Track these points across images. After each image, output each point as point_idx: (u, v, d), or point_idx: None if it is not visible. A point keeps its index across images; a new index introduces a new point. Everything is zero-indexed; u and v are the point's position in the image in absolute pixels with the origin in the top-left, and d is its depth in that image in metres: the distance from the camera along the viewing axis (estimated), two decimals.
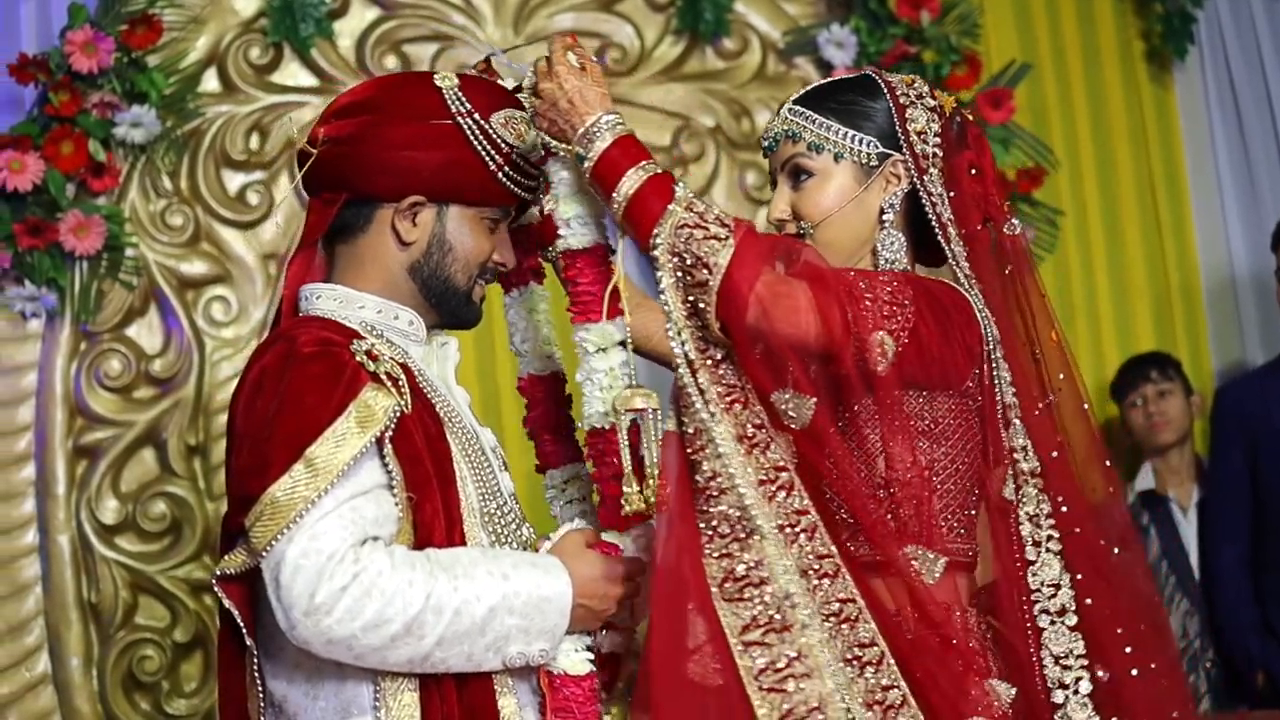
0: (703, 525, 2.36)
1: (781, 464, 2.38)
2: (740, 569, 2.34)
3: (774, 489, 2.37)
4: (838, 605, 2.36)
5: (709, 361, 2.38)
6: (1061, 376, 2.61)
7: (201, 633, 4.37)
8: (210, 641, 4.35)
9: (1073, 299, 5.17)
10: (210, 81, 4.50)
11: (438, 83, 2.50)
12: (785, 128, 2.62)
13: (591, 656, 2.46)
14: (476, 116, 2.48)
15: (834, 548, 2.38)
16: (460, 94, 2.49)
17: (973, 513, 2.52)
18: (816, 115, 2.60)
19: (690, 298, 2.36)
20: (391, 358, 2.43)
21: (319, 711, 2.40)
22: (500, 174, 2.50)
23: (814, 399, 2.40)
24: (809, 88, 2.67)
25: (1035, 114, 5.16)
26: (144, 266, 4.39)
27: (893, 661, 2.37)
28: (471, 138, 2.48)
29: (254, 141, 4.49)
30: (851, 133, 2.59)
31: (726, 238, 2.35)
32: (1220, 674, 4.77)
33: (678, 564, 2.34)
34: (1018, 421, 2.53)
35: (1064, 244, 5.14)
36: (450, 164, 2.48)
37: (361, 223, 2.52)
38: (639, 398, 2.42)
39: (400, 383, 2.40)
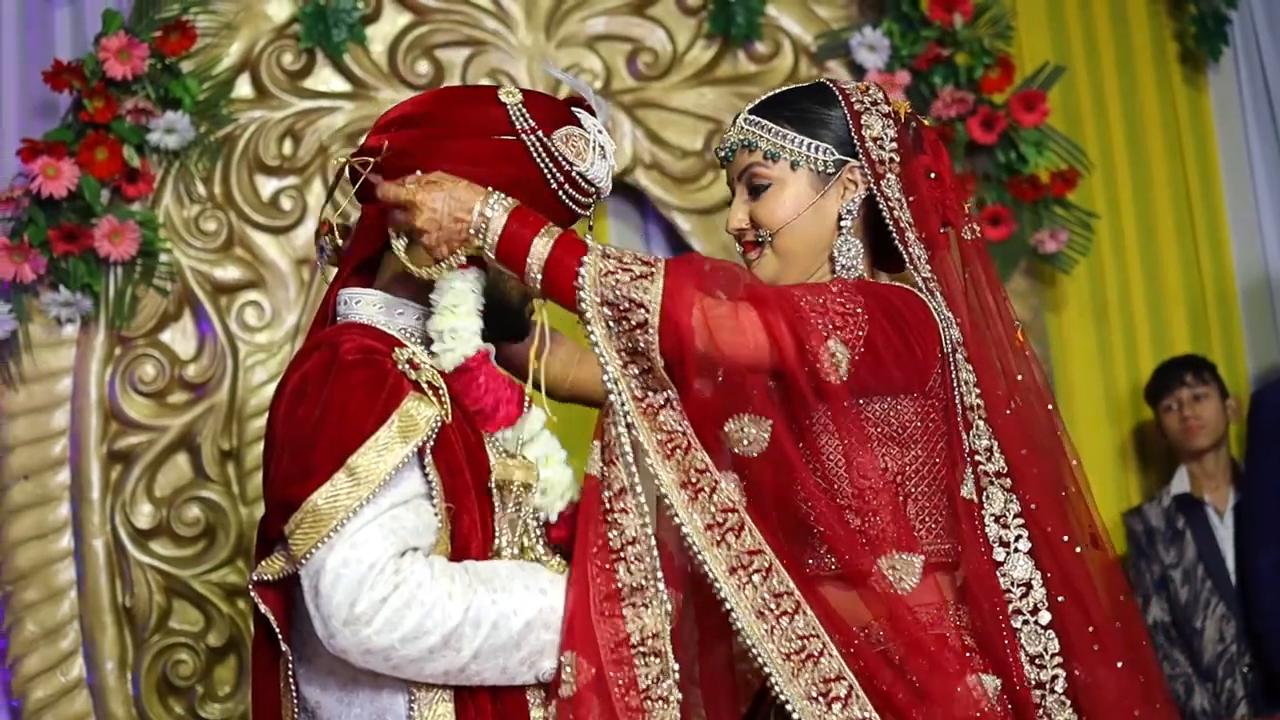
0: (621, 571, 2.36)
1: (729, 505, 2.37)
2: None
3: (722, 532, 2.36)
4: (799, 643, 2.36)
5: (648, 410, 2.37)
6: (1020, 378, 2.61)
7: (235, 637, 4.38)
8: (244, 646, 4.36)
9: (1107, 302, 5.15)
10: (243, 87, 4.51)
11: (502, 98, 2.49)
12: (741, 137, 2.63)
13: None
14: (540, 134, 2.47)
15: (793, 583, 2.37)
16: (524, 110, 2.47)
17: (948, 512, 2.52)
18: (772, 124, 2.61)
19: (628, 343, 2.35)
20: (432, 366, 2.43)
21: (353, 718, 2.40)
22: (561, 192, 2.49)
23: (770, 420, 2.40)
24: (764, 97, 2.67)
25: (1069, 116, 5.14)
26: (178, 272, 4.41)
27: (862, 693, 2.35)
28: (535, 155, 2.46)
29: (287, 147, 4.50)
30: (807, 140, 2.60)
31: (652, 273, 2.34)
32: (1257, 678, 4.74)
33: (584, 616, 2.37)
34: (981, 423, 2.53)
35: (1098, 247, 5.11)
36: (513, 180, 2.45)
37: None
38: (519, 470, 2.45)
39: (441, 392, 2.40)
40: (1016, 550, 2.51)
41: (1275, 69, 5.43)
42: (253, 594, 2.40)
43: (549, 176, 2.47)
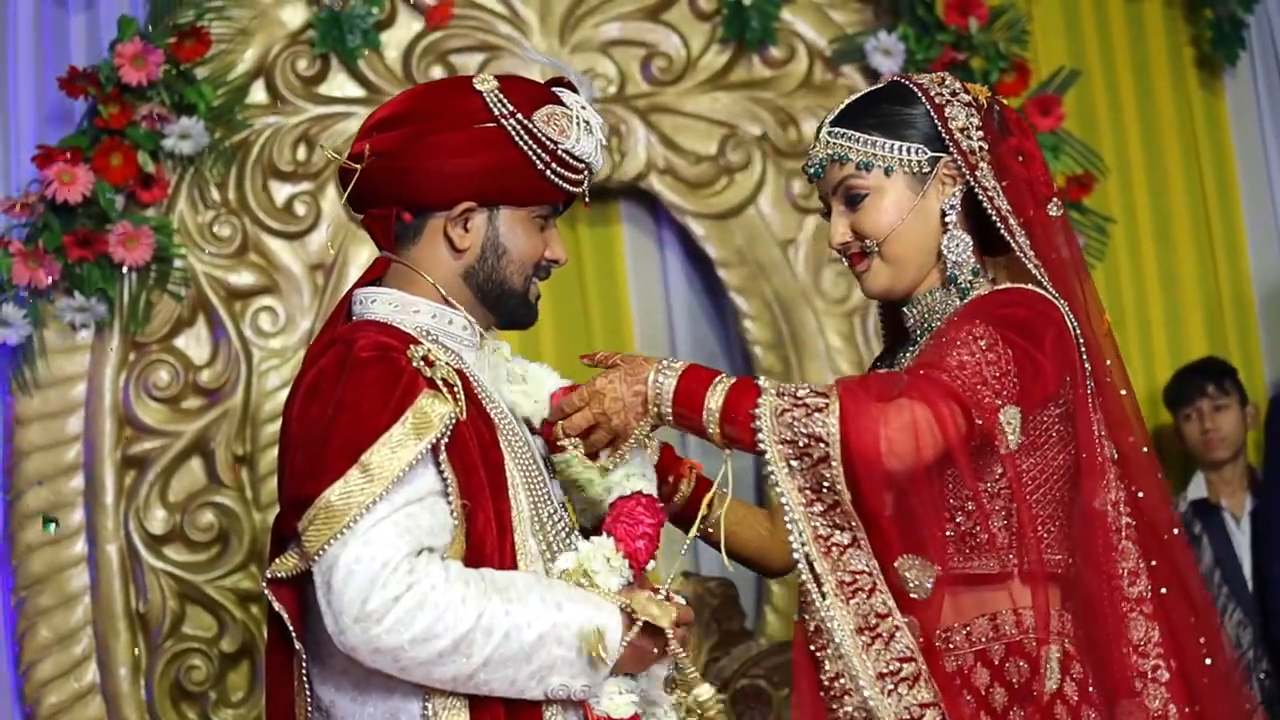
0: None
1: (907, 655, 2.36)
2: None
3: (895, 681, 2.36)
4: None
5: (832, 550, 2.36)
6: (1109, 363, 2.59)
7: (249, 643, 4.38)
8: (258, 651, 4.36)
9: (1123, 306, 5.13)
10: (258, 93, 4.52)
11: (477, 86, 2.48)
12: (829, 151, 2.59)
13: (636, 700, 2.43)
14: (519, 116, 2.46)
15: None
16: (501, 95, 2.47)
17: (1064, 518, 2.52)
18: (858, 133, 2.58)
19: (812, 480, 2.34)
20: (447, 363, 2.41)
21: (366, 718, 2.39)
22: (548, 171, 2.47)
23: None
24: (842, 106, 2.63)
25: (1084, 121, 5.13)
26: (192, 277, 4.42)
27: None
28: (517, 138, 2.45)
29: (301, 152, 4.51)
30: (897, 144, 2.57)
31: (827, 404, 2.33)
32: (1275, 684, 4.72)
33: None
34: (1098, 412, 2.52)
35: (1114, 251, 5.10)
36: (498, 167, 2.46)
37: (413, 234, 2.50)
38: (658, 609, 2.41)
39: (456, 389, 2.38)
40: (1127, 539, 2.49)
41: None
42: (267, 591, 2.38)
43: (534, 158, 2.45)
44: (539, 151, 2.46)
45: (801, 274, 4.80)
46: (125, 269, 4.31)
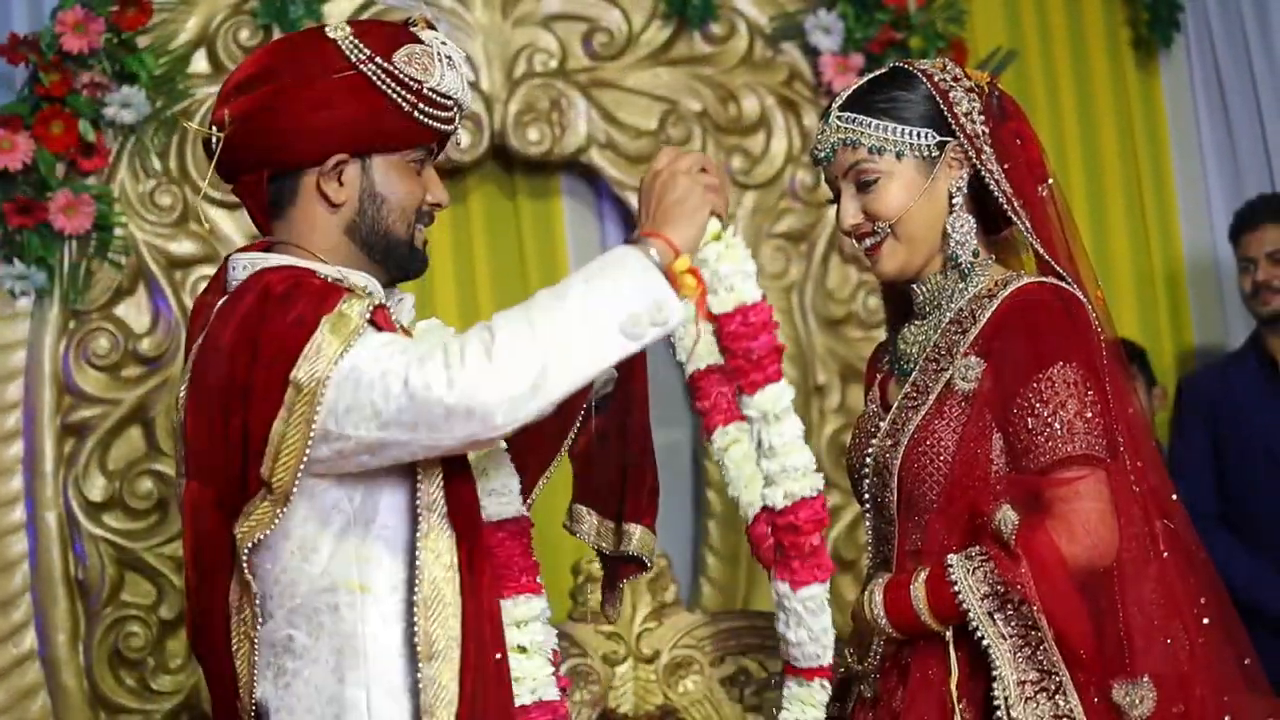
0: None
1: None
2: None
3: None
4: None
5: (1037, 694, 2.49)
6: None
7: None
8: None
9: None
10: (200, 62, 4.50)
11: (330, 34, 2.40)
12: (841, 136, 2.67)
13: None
14: (379, 60, 2.36)
15: None
16: (356, 40, 2.38)
17: None
18: (870, 119, 2.66)
19: (1019, 625, 2.49)
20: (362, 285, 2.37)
21: (320, 650, 2.31)
22: (416, 112, 2.39)
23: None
24: (849, 92, 2.71)
25: (1021, 101, 5.05)
26: (133, 246, 4.41)
27: None
28: (378, 82, 2.36)
29: None
30: (907, 128, 2.65)
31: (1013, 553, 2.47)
32: None
33: None
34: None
35: None
36: (364, 114, 2.37)
37: (288, 195, 2.42)
38: None
39: (374, 290, 2.35)
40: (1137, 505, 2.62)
41: (1227, 56, 5.47)
42: (245, 564, 2.28)
43: (399, 100, 2.37)
44: (403, 93, 2.37)
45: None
46: (65, 237, 4.30)
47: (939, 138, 2.64)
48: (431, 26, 2.47)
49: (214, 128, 2.42)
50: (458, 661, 2.28)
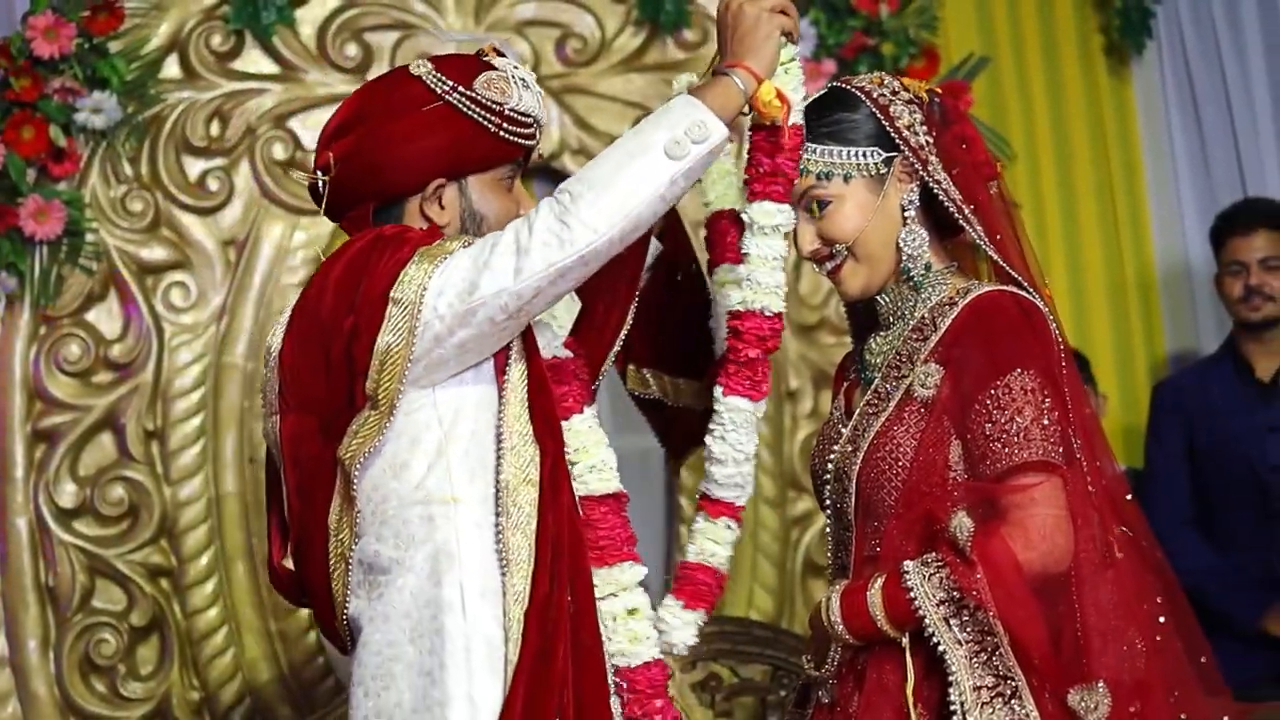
0: None
1: None
2: None
3: None
4: None
5: (995, 698, 2.49)
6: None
7: (159, 617, 4.39)
8: (167, 625, 4.38)
9: None
10: (171, 68, 4.50)
11: (414, 71, 2.61)
12: None
13: None
14: (461, 89, 2.58)
15: None
16: (438, 74, 2.59)
17: None
18: (814, 144, 2.67)
19: (975, 630, 2.49)
20: None
21: (408, 561, 2.49)
22: (501, 132, 2.59)
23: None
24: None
25: (993, 107, 5.19)
26: (104, 252, 4.41)
27: None
28: (463, 109, 2.57)
29: (215, 128, 4.50)
30: (853, 149, 2.66)
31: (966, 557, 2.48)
32: None
33: None
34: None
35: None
36: (455, 140, 2.58)
37: (395, 222, 2.61)
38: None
39: None
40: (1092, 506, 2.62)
41: (1198, 62, 5.50)
42: (355, 471, 2.47)
43: (484, 122, 2.58)
44: (487, 115, 2.58)
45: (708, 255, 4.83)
46: (36, 242, 4.29)
47: (885, 154, 2.65)
48: (500, 54, 2.66)
49: (318, 173, 2.64)
50: (531, 566, 2.46)
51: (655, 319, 2.86)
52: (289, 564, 2.65)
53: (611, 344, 2.82)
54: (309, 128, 4.54)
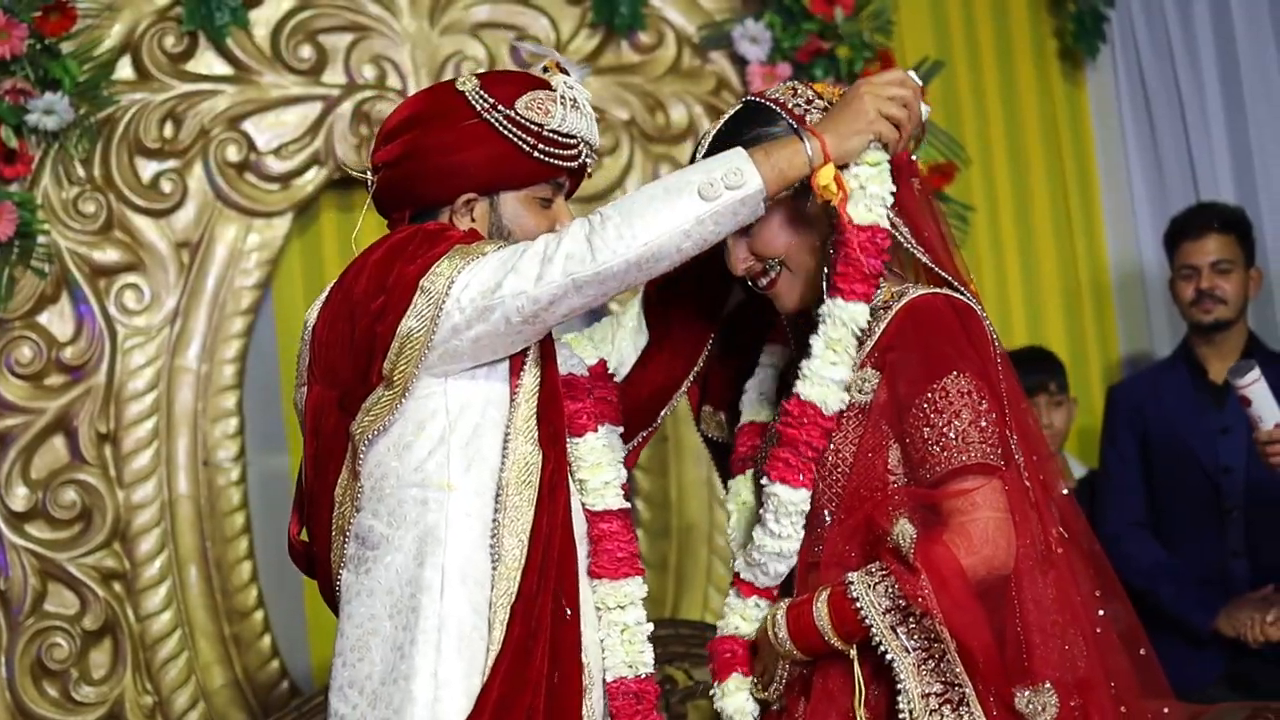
0: None
1: None
2: None
3: None
4: None
5: (944, 704, 2.50)
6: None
7: (111, 620, 4.36)
8: (120, 629, 4.36)
9: (984, 291, 5.14)
10: (124, 69, 4.48)
11: (459, 87, 2.67)
12: None
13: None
14: (501, 108, 2.63)
15: None
16: (482, 92, 2.65)
17: None
18: None
19: (922, 638, 2.49)
20: None
21: (398, 540, 2.58)
22: (536, 153, 2.63)
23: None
24: (710, 139, 2.71)
25: (948, 110, 5.21)
26: (56, 254, 4.38)
27: None
28: (500, 129, 2.62)
29: (168, 130, 4.49)
30: None
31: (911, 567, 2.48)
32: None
33: None
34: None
35: (975, 239, 5.20)
36: (489, 157, 2.64)
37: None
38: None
39: None
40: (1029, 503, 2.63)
41: (1152, 67, 5.53)
42: (362, 447, 2.59)
43: (519, 143, 2.63)
44: (524, 136, 2.63)
45: None
46: None
47: None
48: (564, 71, 2.70)
49: (368, 172, 2.75)
50: (521, 565, 2.54)
51: (735, 364, 2.92)
52: (305, 538, 2.77)
53: (682, 378, 2.90)
54: (263, 129, 4.54)
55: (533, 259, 2.49)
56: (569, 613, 2.58)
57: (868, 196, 2.58)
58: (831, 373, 2.58)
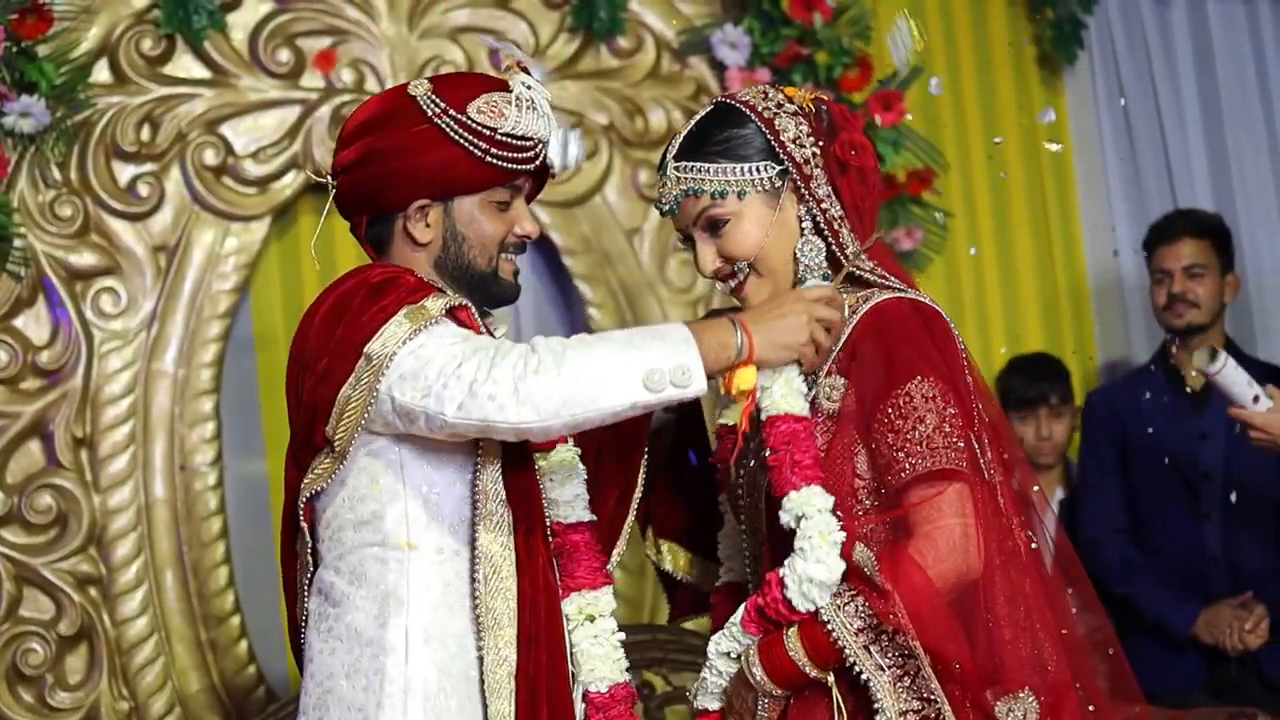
0: None
1: None
2: None
3: None
4: None
5: None
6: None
7: (87, 625, 4.34)
8: (96, 634, 4.34)
9: (962, 299, 5.23)
10: (101, 72, 4.47)
11: (411, 91, 2.64)
12: (682, 188, 2.66)
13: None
14: (452, 113, 2.60)
15: None
16: (434, 96, 2.61)
17: None
18: (707, 164, 2.64)
19: (895, 655, 2.48)
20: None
21: (359, 599, 2.55)
22: (489, 157, 2.60)
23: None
24: (681, 140, 2.69)
25: (927, 116, 5.21)
26: (32, 257, 4.36)
27: None
28: (450, 133, 2.59)
29: (145, 133, 4.47)
30: (743, 165, 2.64)
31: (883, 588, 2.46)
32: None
33: None
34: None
35: (954, 245, 5.20)
36: (440, 163, 2.60)
37: (386, 236, 2.68)
38: None
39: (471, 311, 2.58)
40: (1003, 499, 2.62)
41: (1130, 73, 5.55)
42: (301, 512, 2.58)
43: (471, 148, 2.59)
44: (475, 141, 2.59)
45: (646, 263, 4.85)
46: None
47: (778, 167, 2.64)
48: (526, 70, 2.67)
49: (330, 176, 2.72)
50: (515, 631, 2.53)
51: (676, 493, 2.91)
52: None
53: (622, 512, 2.86)
54: (240, 133, 4.53)
55: (460, 386, 2.42)
56: (547, 664, 2.57)
57: (772, 407, 2.57)
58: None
